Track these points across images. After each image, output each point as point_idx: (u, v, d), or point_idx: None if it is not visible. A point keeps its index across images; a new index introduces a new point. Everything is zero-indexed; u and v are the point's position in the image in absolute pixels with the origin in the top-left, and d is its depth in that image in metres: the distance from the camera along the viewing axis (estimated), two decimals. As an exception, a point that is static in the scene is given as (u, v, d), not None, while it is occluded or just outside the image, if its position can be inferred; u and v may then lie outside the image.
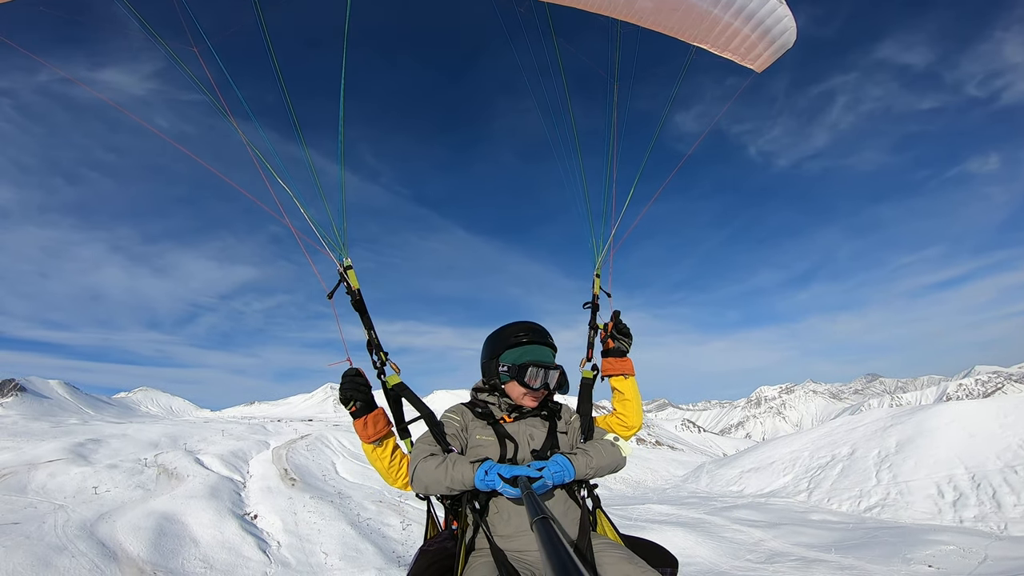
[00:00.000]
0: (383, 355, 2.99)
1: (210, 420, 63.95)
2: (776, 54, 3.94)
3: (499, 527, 2.38)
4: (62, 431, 35.49)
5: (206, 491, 23.40)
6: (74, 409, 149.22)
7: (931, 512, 23.41)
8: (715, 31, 3.80)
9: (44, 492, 20.67)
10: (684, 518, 22.95)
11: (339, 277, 3.07)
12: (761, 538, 18.83)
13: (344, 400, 2.75)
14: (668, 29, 3.86)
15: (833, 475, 30.37)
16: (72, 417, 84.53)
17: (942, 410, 33.64)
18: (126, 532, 17.05)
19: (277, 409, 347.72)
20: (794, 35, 3.83)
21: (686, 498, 31.87)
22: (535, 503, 1.77)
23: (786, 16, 3.73)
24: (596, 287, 3.53)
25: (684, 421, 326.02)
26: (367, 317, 3.04)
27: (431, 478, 2.38)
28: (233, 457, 34.31)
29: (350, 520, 24.02)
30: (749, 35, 3.80)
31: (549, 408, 2.81)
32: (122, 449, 28.84)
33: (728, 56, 3.99)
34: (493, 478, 2.25)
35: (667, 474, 51.11)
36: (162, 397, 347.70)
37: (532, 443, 2.61)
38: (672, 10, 3.72)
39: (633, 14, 3.74)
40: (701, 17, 3.73)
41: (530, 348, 2.73)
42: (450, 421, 2.68)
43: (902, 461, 28.55)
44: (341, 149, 3.24)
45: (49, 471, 22.41)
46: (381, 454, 2.81)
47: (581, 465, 2.47)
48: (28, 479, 22.28)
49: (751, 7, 3.66)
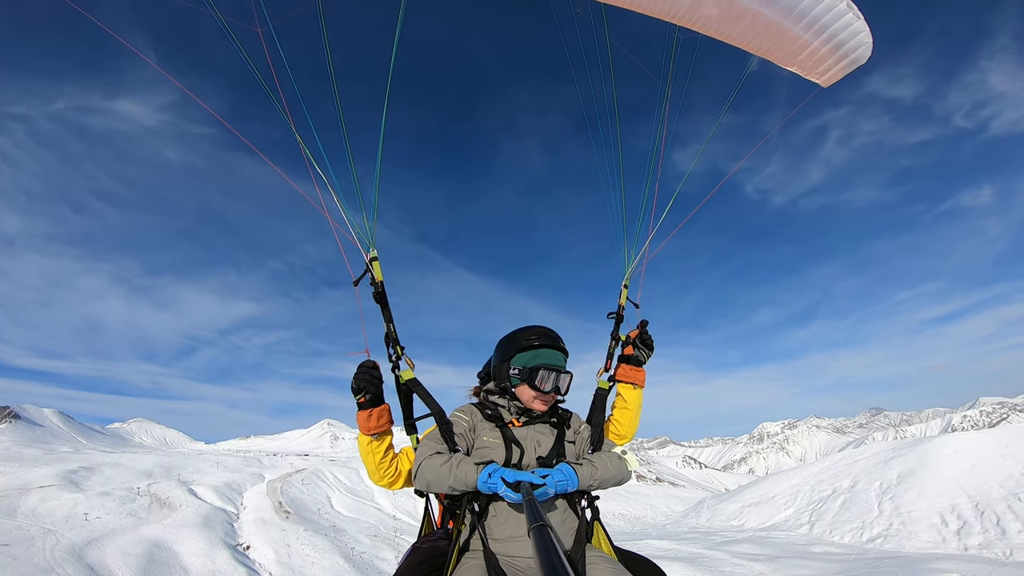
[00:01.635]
0: (400, 349, 3.02)
1: (204, 452, 63.01)
2: (847, 69, 3.75)
3: (495, 530, 2.39)
4: (54, 458, 35.06)
5: (198, 521, 23.03)
6: (67, 437, 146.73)
7: (935, 541, 23.00)
8: (782, 42, 3.65)
9: (34, 516, 20.36)
10: (683, 553, 22.52)
11: (365, 268, 3.14)
12: (761, 572, 18.48)
13: (355, 389, 2.78)
14: (732, 38, 3.70)
15: (835, 508, 29.87)
16: (65, 445, 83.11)
17: (944, 441, 33.35)
18: (115, 558, 16.78)
19: (273, 443, 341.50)
20: (869, 51, 3.63)
21: (686, 533, 31.23)
22: (535, 510, 1.78)
23: (863, 31, 3.54)
24: (623, 298, 3.54)
25: (685, 457, 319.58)
26: (388, 310, 3.09)
27: (435, 475, 2.38)
28: (227, 488, 33.77)
29: (344, 553, 23.54)
30: (820, 49, 3.62)
31: (559, 416, 2.83)
32: (115, 477, 28.48)
33: (794, 70, 3.85)
34: (496, 481, 2.25)
35: (667, 510, 50.06)
36: (156, 428, 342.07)
37: (539, 449, 2.62)
38: (737, 18, 3.54)
39: (696, 21, 3.61)
40: (767, 27, 3.57)
41: (542, 352, 2.73)
42: (459, 420, 2.70)
43: (904, 492, 28.17)
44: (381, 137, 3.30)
45: (40, 496, 22.14)
46: (376, 448, 2.83)
47: (585, 476, 2.45)
48: (19, 503, 21.96)
49: (825, 20, 3.48)
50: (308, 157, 3.19)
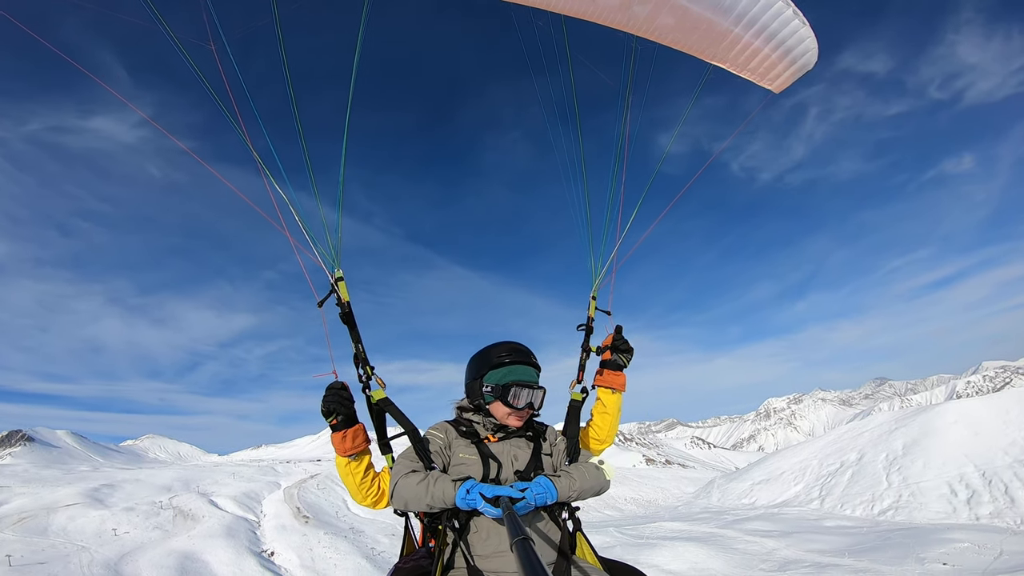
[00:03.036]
0: (369, 369, 2.99)
1: (219, 464, 63.61)
2: (796, 75, 3.88)
3: (478, 546, 2.38)
4: (75, 477, 35.55)
5: (223, 531, 23.53)
6: (83, 457, 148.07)
7: (946, 511, 23.45)
8: (735, 50, 3.75)
9: (65, 534, 20.85)
10: (696, 533, 23.04)
11: (330, 288, 3.08)
12: (774, 547, 18.97)
13: (326, 412, 2.76)
14: (688, 47, 3.81)
15: (844, 481, 30.40)
16: (82, 464, 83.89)
17: (946, 409, 33.81)
18: (149, 571, 17.25)
19: (284, 451, 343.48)
20: (815, 56, 3.78)
21: (698, 514, 31.82)
22: (516, 524, 1.77)
23: (808, 37, 3.68)
24: (591, 309, 3.58)
25: (693, 439, 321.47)
26: (355, 330, 3.04)
27: (412, 494, 2.37)
28: (246, 498, 34.28)
29: (364, 554, 24.06)
30: (770, 55, 3.75)
31: (534, 429, 2.82)
32: (136, 493, 28.93)
33: (746, 76, 3.94)
34: (475, 497, 2.25)
35: (678, 492, 50.67)
36: (169, 443, 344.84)
37: (516, 464, 2.61)
38: (693, 28, 3.65)
39: (653, 31, 3.69)
40: (722, 36, 3.68)
41: (514, 368, 2.72)
42: (434, 438, 2.69)
43: (911, 463, 28.67)
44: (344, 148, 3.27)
45: (68, 514, 22.60)
46: (355, 469, 2.81)
47: (564, 487, 2.45)
48: (48, 522, 22.44)
49: (773, 27, 3.61)
50: (267, 176, 3.10)
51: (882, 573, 14.32)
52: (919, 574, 13.71)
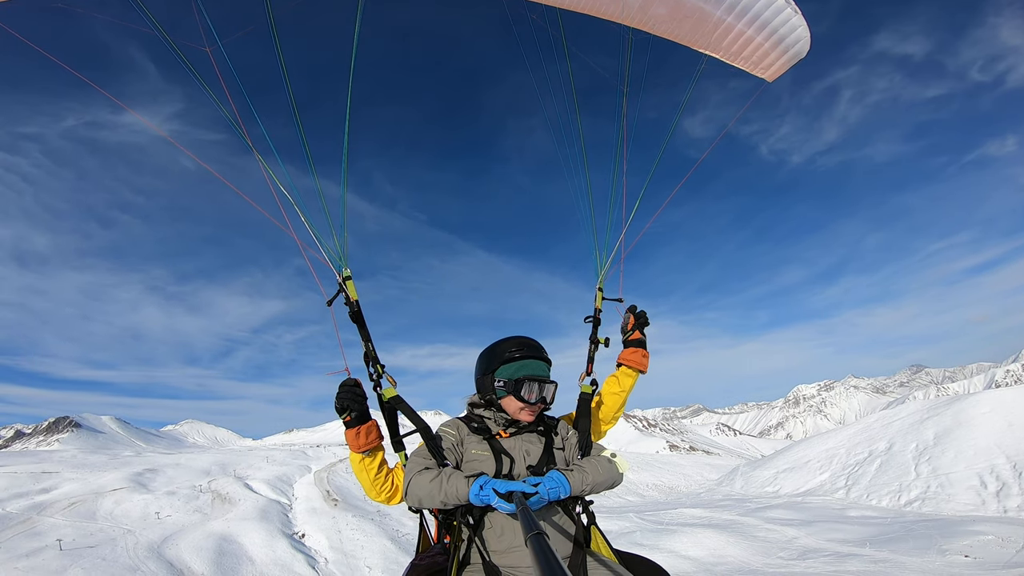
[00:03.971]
0: (380, 368, 3.01)
1: (253, 448, 66.25)
2: (788, 63, 3.91)
3: (493, 542, 2.39)
4: (120, 462, 37.67)
5: (257, 513, 24.73)
6: (127, 442, 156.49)
7: (974, 503, 22.95)
8: (727, 39, 3.77)
9: (112, 518, 22.32)
10: (716, 520, 23.10)
11: (338, 287, 3.11)
12: (795, 536, 18.94)
13: (339, 409, 2.79)
14: (680, 37, 3.83)
15: (871, 471, 29.91)
16: (126, 450, 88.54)
17: (980, 399, 32.74)
18: (190, 552, 18.40)
19: (315, 435, 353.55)
20: (807, 45, 3.80)
21: (720, 501, 31.79)
22: (529, 519, 1.77)
23: (800, 26, 3.70)
24: (598, 301, 3.55)
25: (719, 425, 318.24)
26: (365, 329, 3.08)
27: (425, 491, 2.38)
28: (279, 481, 35.79)
29: (390, 536, 24.96)
30: (762, 44, 3.76)
31: (546, 423, 2.81)
32: (177, 477, 30.60)
33: (739, 65, 3.96)
34: (488, 493, 2.25)
35: (700, 478, 50.53)
36: (207, 428, 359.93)
37: (528, 459, 2.61)
38: (685, 17, 3.68)
39: (646, 21, 3.72)
40: (714, 25, 3.69)
41: (525, 363, 2.73)
42: (446, 435, 2.69)
43: (941, 453, 28.00)
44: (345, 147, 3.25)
45: (115, 499, 24.13)
46: (369, 465, 2.83)
47: (577, 481, 2.45)
48: (96, 506, 24.03)
49: (765, 16, 3.62)
50: (270, 176, 3.11)
51: (902, 564, 14.22)
52: (939, 566, 13.56)
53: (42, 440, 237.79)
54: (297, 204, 3.10)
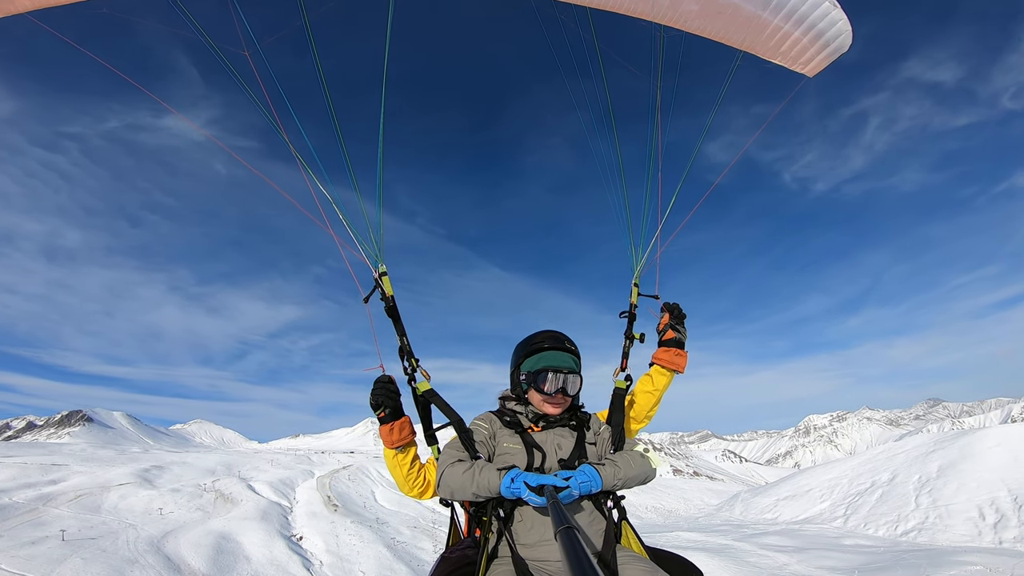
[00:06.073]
0: (414, 361, 3.03)
1: (259, 451, 66.81)
2: (830, 58, 3.78)
3: (522, 536, 2.38)
4: (127, 458, 38.41)
5: (258, 514, 25.15)
6: (135, 439, 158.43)
7: (971, 534, 22.74)
8: (764, 35, 3.67)
9: (116, 512, 22.89)
10: (710, 544, 23.09)
11: (374, 284, 3.17)
12: (786, 563, 18.96)
13: (374, 405, 2.81)
14: (713, 34, 3.73)
15: (872, 501, 29.63)
16: (135, 446, 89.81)
17: (988, 434, 32.40)
18: (188, 548, 18.86)
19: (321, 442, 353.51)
20: (850, 38, 3.67)
21: (718, 526, 31.58)
22: (560, 513, 1.76)
23: (841, 19, 3.58)
24: (634, 296, 3.51)
25: (725, 451, 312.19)
26: (400, 324, 3.12)
27: (457, 483, 2.40)
28: (281, 484, 36.19)
29: (387, 543, 25.19)
30: (800, 39, 3.65)
31: (578, 418, 2.78)
32: (183, 475, 31.16)
33: (777, 61, 3.85)
34: (519, 486, 2.25)
35: (701, 503, 49.98)
36: (214, 429, 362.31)
37: (560, 452, 2.60)
38: (718, 13, 3.58)
39: (677, 18, 3.64)
40: (748, 21, 3.59)
41: (547, 354, 2.72)
42: (478, 428, 2.69)
43: (943, 485, 27.73)
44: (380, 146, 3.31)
45: (120, 493, 24.74)
46: (402, 460, 2.84)
47: (608, 476, 2.43)
48: (102, 500, 24.65)
49: (803, 10, 3.51)
50: (309, 176, 3.19)
51: (889, 592, 14.29)
52: (924, 595, 13.64)
53: (53, 432, 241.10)
54: (337, 204, 3.21)
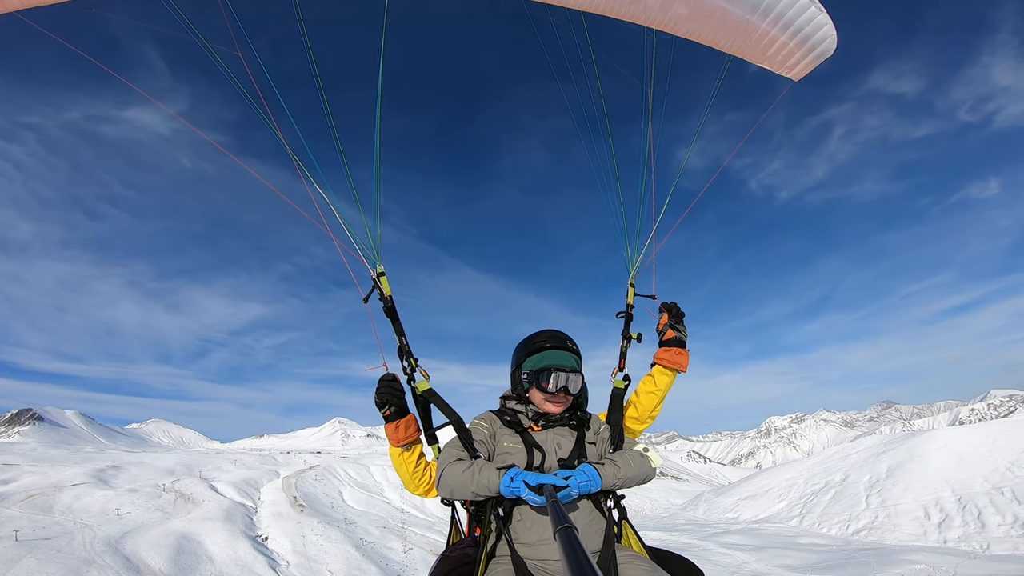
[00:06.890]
0: (413, 361, 3.05)
1: (221, 451, 65.06)
2: (815, 62, 3.85)
3: (522, 535, 2.38)
4: (81, 458, 36.96)
5: (221, 514, 24.65)
6: (89, 438, 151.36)
7: (916, 534, 23.98)
8: (752, 39, 3.72)
9: (70, 512, 22.09)
10: (674, 543, 23.75)
11: (372, 284, 3.18)
12: (745, 561, 19.67)
13: (379, 404, 2.82)
14: (702, 38, 3.78)
15: (825, 500, 30.89)
16: (88, 445, 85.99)
17: (935, 436, 34.13)
18: (148, 549, 18.39)
19: (286, 442, 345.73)
20: (835, 43, 3.74)
21: (682, 525, 32.42)
22: (559, 512, 1.76)
23: (826, 24, 3.65)
24: (630, 296, 3.52)
25: (690, 452, 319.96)
26: (399, 323, 3.13)
27: (457, 482, 2.39)
28: (245, 485, 35.48)
29: (355, 543, 25.03)
30: (787, 43, 3.70)
31: (578, 417, 2.77)
32: (140, 475, 30.23)
33: (764, 65, 3.90)
34: (519, 485, 2.24)
35: (666, 503, 51.20)
36: (173, 428, 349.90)
37: (559, 452, 2.60)
38: (706, 17, 3.64)
39: (667, 22, 3.68)
40: (737, 25, 3.65)
41: (549, 353, 2.73)
42: (478, 428, 2.69)
43: (892, 486, 29.17)
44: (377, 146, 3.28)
45: (74, 494, 23.86)
46: (407, 459, 2.84)
47: (608, 475, 2.42)
48: (54, 500, 23.73)
49: (790, 15, 3.57)
50: (305, 176, 3.21)
51: (838, 589, 14.98)
52: (871, 593, 14.37)
53: (2, 432, 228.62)
54: (332, 203, 3.21)
